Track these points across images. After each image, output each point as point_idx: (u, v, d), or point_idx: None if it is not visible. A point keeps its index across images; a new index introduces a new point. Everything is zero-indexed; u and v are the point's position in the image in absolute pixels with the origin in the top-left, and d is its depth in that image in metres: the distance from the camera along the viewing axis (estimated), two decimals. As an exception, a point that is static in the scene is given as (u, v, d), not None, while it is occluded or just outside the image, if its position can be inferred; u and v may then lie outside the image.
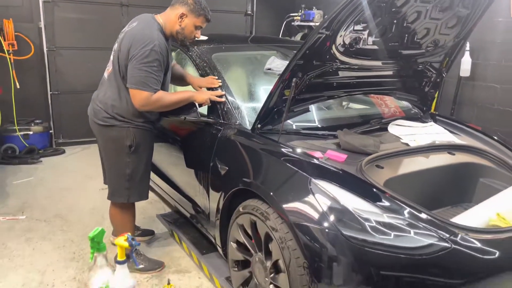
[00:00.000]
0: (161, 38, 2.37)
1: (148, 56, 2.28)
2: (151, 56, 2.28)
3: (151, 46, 2.28)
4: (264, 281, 2.07)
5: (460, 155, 2.49)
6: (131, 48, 2.32)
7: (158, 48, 2.30)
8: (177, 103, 2.50)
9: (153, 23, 2.41)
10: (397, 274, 1.67)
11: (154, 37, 2.31)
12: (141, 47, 2.28)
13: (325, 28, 2.05)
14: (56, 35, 5.20)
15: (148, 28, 2.37)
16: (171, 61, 2.69)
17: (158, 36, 2.34)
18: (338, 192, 1.83)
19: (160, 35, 2.37)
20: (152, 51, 2.28)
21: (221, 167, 2.37)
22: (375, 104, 3.14)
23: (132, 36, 2.36)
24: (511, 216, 1.88)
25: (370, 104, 3.18)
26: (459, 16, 2.42)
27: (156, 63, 2.31)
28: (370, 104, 3.19)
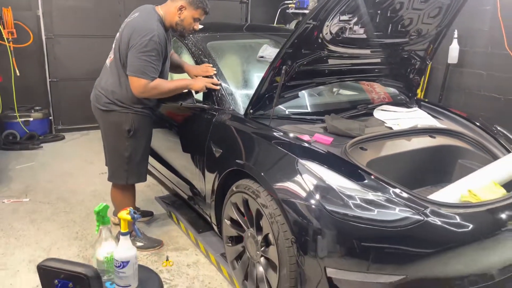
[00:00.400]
0: (160, 28, 2.49)
1: (147, 46, 2.41)
2: (149, 45, 2.41)
3: (150, 36, 2.41)
4: (255, 254, 2.24)
5: (441, 138, 2.65)
6: (131, 38, 2.45)
7: (157, 38, 2.43)
8: (174, 91, 2.64)
9: (154, 15, 2.53)
10: (376, 245, 1.84)
11: (153, 28, 2.44)
12: (141, 37, 2.41)
13: (312, 18, 2.18)
14: (54, 23, 5.29)
15: (148, 19, 2.49)
16: (170, 50, 2.81)
17: (158, 27, 2.47)
18: (323, 172, 1.99)
19: (160, 26, 2.50)
20: (151, 41, 2.41)
21: (216, 150, 2.52)
22: (364, 91, 3.29)
23: (133, 26, 2.49)
24: (482, 193, 2.05)
25: (360, 91, 3.33)
26: (441, 6, 2.56)
27: (155, 52, 2.44)
28: (359, 91, 3.34)
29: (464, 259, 1.93)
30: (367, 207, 1.88)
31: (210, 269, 2.79)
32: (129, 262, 1.70)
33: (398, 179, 2.17)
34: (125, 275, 1.71)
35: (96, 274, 1.45)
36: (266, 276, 2.19)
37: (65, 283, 1.45)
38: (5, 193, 3.81)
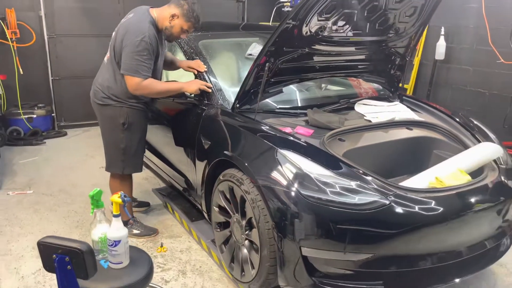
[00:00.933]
0: (152, 30, 2.66)
1: (139, 46, 2.59)
2: (141, 46, 2.59)
3: (142, 37, 2.59)
4: (240, 237, 2.42)
5: (417, 130, 2.81)
6: (124, 38, 2.63)
7: (148, 39, 2.60)
8: (167, 92, 2.82)
9: (147, 16, 2.70)
10: (346, 226, 2.01)
11: (145, 30, 2.62)
12: (133, 37, 2.60)
13: (292, 18, 2.35)
14: (56, 23, 5.48)
15: (141, 21, 2.67)
16: (164, 50, 2.99)
17: (149, 28, 2.64)
18: (300, 160, 2.16)
19: (152, 27, 2.67)
20: (142, 41, 2.59)
21: (205, 142, 2.70)
22: (352, 86, 3.46)
23: (126, 27, 2.67)
24: (447, 179, 2.22)
25: (348, 86, 3.50)
26: (415, 6, 2.71)
27: (146, 52, 2.61)
28: (347, 86, 3.50)
29: (431, 238, 2.10)
30: (339, 192, 2.05)
31: (202, 254, 2.97)
32: (120, 241, 1.88)
33: (375, 168, 2.34)
34: (117, 253, 1.89)
35: (89, 249, 1.63)
36: (249, 257, 2.37)
37: (62, 257, 1.63)
38: (10, 185, 4.01)
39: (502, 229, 2.39)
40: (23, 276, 2.69)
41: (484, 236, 2.30)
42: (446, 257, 2.18)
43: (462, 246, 2.23)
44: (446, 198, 2.14)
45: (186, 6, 2.68)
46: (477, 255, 2.29)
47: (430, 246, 2.12)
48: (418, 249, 2.10)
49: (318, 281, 2.06)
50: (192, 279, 2.70)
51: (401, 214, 2.01)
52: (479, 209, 2.21)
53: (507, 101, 4.19)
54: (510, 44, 4.13)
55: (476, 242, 2.27)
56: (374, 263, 2.03)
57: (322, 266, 2.07)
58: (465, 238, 2.23)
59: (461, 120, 2.95)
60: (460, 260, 2.23)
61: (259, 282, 2.28)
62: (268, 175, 2.17)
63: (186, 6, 2.68)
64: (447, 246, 2.17)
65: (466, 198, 2.19)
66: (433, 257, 2.15)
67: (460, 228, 2.18)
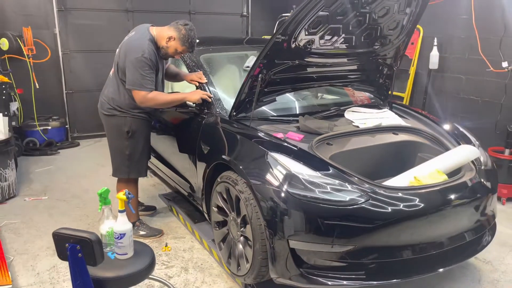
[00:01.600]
0: (151, 46, 2.92)
1: (140, 62, 2.86)
2: (142, 62, 2.86)
3: (141, 54, 2.85)
4: (236, 234, 2.63)
5: (403, 134, 3.01)
6: (126, 55, 2.90)
7: (147, 55, 2.87)
8: (172, 102, 3.08)
9: (146, 34, 2.96)
10: (329, 221, 2.21)
11: (144, 47, 2.88)
12: (134, 55, 2.87)
13: (281, 33, 2.58)
14: (70, 40, 5.82)
15: (141, 39, 2.94)
16: (165, 63, 3.25)
17: (148, 45, 2.90)
18: (288, 162, 2.37)
19: (151, 44, 2.93)
20: (142, 57, 2.85)
21: (204, 147, 2.93)
22: (347, 95, 3.68)
23: (128, 45, 2.95)
24: (425, 179, 2.41)
25: (342, 95, 3.72)
26: (398, 20, 2.93)
27: (147, 67, 2.88)
28: (342, 95, 3.72)
29: (409, 231, 2.29)
30: (324, 190, 2.25)
31: (203, 253, 3.18)
32: (125, 234, 2.11)
33: (361, 170, 2.54)
34: (123, 245, 2.12)
35: (97, 239, 1.86)
36: (244, 252, 2.57)
37: (73, 246, 1.86)
38: (27, 192, 4.28)
39: (480, 223, 2.56)
40: (39, 273, 2.93)
41: (463, 229, 2.48)
42: (427, 248, 2.36)
43: (442, 237, 2.40)
44: (422, 195, 2.33)
45: (184, 31, 2.94)
46: (458, 247, 2.47)
47: (409, 238, 2.31)
48: (398, 241, 2.29)
49: (305, 271, 2.26)
50: (193, 275, 2.91)
51: (380, 209, 2.21)
52: (456, 204, 2.40)
53: (498, 107, 4.35)
54: (499, 53, 4.31)
55: (455, 234, 2.44)
56: (356, 255, 2.22)
57: (308, 258, 2.26)
58: (443, 230, 2.41)
59: (445, 125, 3.14)
60: (442, 251, 2.41)
61: (253, 275, 2.48)
62: (259, 175, 2.39)
63: (184, 31, 2.94)
64: (426, 238, 2.36)
65: (442, 194, 2.38)
66: (414, 248, 2.33)
67: (438, 221, 2.36)
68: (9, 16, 5.44)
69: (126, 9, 6.08)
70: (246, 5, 7.11)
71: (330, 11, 2.60)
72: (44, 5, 5.62)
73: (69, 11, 5.75)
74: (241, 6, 7.08)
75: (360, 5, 2.68)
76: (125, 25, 6.04)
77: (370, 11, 2.75)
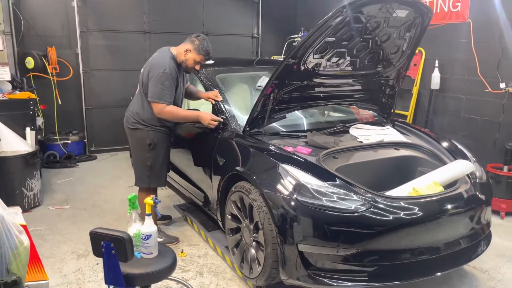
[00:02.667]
0: (172, 64, 3.23)
1: (162, 77, 3.16)
2: (163, 77, 3.17)
3: (163, 69, 3.17)
4: (249, 239, 2.86)
5: (403, 150, 3.24)
6: (150, 72, 3.23)
7: (168, 71, 3.18)
8: (186, 118, 3.37)
9: (167, 53, 3.29)
10: (335, 226, 2.44)
11: (165, 64, 3.19)
12: (156, 70, 3.19)
13: (291, 57, 2.86)
14: (90, 59, 6.17)
15: (163, 58, 3.26)
16: (185, 81, 3.54)
17: (170, 63, 3.22)
18: (297, 173, 2.62)
19: (172, 61, 3.24)
20: (164, 73, 3.17)
21: (220, 160, 3.19)
22: (353, 113, 3.93)
23: (151, 63, 3.29)
24: (422, 190, 2.64)
25: (348, 113, 3.97)
26: (398, 45, 3.20)
27: (168, 82, 3.18)
28: (347, 113, 3.98)
29: (409, 237, 2.51)
30: (329, 199, 2.48)
31: (217, 259, 3.41)
32: (151, 235, 2.35)
33: (365, 182, 2.77)
34: (149, 245, 2.36)
35: (129, 238, 2.11)
36: (256, 256, 2.80)
37: (108, 244, 2.10)
38: (50, 201, 4.55)
39: (474, 231, 2.77)
40: (65, 274, 3.17)
41: (458, 236, 2.69)
42: (425, 253, 2.57)
43: (439, 243, 2.62)
44: (420, 204, 2.55)
45: (197, 41, 3.26)
46: (454, 252, 2.67)
47: (408, 243, 2.53)
48: (398, 245, 2.52)
49: (312, 273, 2.48)
50: (208, 279, 3.13)
51: (380, 216, 2.43)
52: (451, 213, 2.62)
53: (497, 126, 4.57)
54: (497, 75, 4.55)
55: (451, 241, 2.66)
56: (359, 258, 2.44)
57: (315, 261, 2.48)
58: (440, 237, 2.62)
59: (443, 142, 3.37)
60: (439, 256, 2.61)
61: (264, 277, 2.70)
62: (271, 185, 2.63)
63: (197, 41, 3.26)
64: (424, 243, 2.58)
65: (438, 204, 2.60)
66: (413, 252, 2.55)
67: (435, 228, 2.58)
68: (35, 37, 5.81)
69: (143, 30, 6.43)
70: (256, 27, 7.45)
71: (337, 37, 2.87)
72: (67, 27, 5.99)
73: (91, 32, 6.12)
74: (252, 28, 7.43)
75: (364, 32, 2.95)
76: (142, 45, 6.39)
77: (372, 37, 3.02)
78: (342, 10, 2.64)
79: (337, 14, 2.65)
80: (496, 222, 4.22)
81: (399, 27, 3.04)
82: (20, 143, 4.31)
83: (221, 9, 7.03)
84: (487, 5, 4.59)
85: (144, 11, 6.41)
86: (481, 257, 3.44)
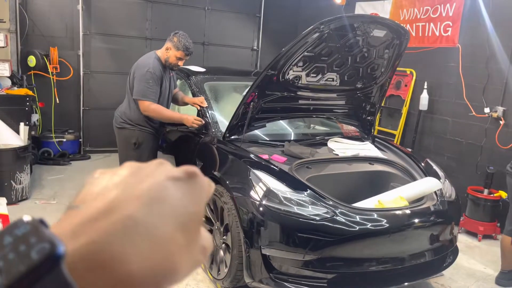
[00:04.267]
0: (156, 63, 3.40)
1: (145, 75, 3.33)
2: (147, 75, 3.33)
3: (147, 68, 3.35)
4: (219, 241, 2.95)
5: (377, 165, 3.33)
6: (135, 72, 3.40)
7: (152, 69, 3.35)
8: (170, 118, 3.49)
9: (152, 55, 3.49)
10: (298, 232, 2.52)
11: (149, 63, 3.37)
12: (140, 70, 3.36)
13: (270, 68, 2.98)
14: (91, 61, 6.35)
15: (147, 58, 3.46)
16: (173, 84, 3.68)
17: (154, 62, 3.39)
18: (267, 179, 2.72)
19: (156, 62, 3.42)
20: (147, 72, 3.33)
21: (198, 163, 3.30)
22: (338, 127, 4.04)
23: (136, 64, 3.48)
24: (387, 203, 2.72)
25: (333, 127, 4.08)
26: (377, 63, 3.32)
27: (151, 80, 3.34)
28: (332, 127, 4.08)
29: (372, 246, 2.59)
30: (296, 205, 2.58)
31: (191, 260, 3.48)
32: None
33: (336, 193, 2.86)
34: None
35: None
36: (224, 259, 2.88)
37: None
38: (38, 196, 4.66)
39: (439, 245, 2.84)
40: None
41: (422, 249, 2.77)
42: (389, 263, 2.65)
43: (403, 254, 2.69)
44: (383, 216, 2.64)
45: (175, 38, 3.42)
46: (419, 264, 2.75)
47: (370, 252, 2.61)
48: (360, 254, 2.59)
49: (274, 276, 2.56)
50: (179, 278, 3.20)
51: (342, 226, 2.52)
52: (415, 226, 2.71)
53: (479, 149, 4.65)
54: (482, 100, 4.65)
55: (415, 253, 2.73)
56: (319, 264, 2.52)
57: (277, 264, 2.56)
58: (402, 248, 2.71)
59: (418, 160, 3.46)
60: (404, 267, 2.69)
61: (230, 278, 2.78)
62: (242, 189, 2.73)
63: (175, 38, 3.42)
64: (386, 253, 2.66)
65: (401, 217, 2.68)
66: (377, 261, 2.63)
67: (397, 239, 2.68)
68: (39, 36, 6.00)
69: (145, 37, 6.61)
70: (257, 40, 7.62)
71: (315, 52, 3.00)
72: (71, 29, 6.18)
73: (93, 35, 6.30)
74: (252, 40, 7.60)
75: (343, 49, 3.08)
76: (143, 51, 6.49)
77: (352, 54, 3.14)
78: (319, 26, 2.76)
79: (314, 30, 2.78)
80: (472, 244, 4.28)
81: (378, 46, 3.16)
82: (13, 137, 4.45)
83: (223, 21, 7.21)
84: (477, 31, 4.72)
85: (147, 18, 6.60)
86: (451, 276, 3.53)
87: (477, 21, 4.70)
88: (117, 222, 0.33)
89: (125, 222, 0.33)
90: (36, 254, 0.28)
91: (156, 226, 0.34)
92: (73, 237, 0.31)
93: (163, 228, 0.34)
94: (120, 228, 0.32)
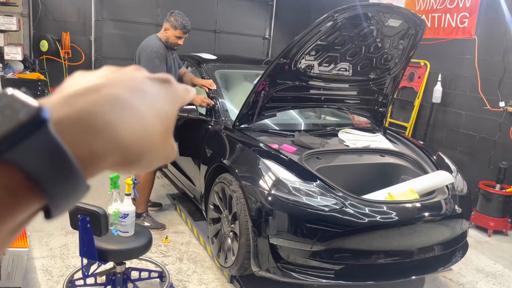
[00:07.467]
0: (158, 43, 3.48)
1: (150, 55, 3.41)
2: (152, 55, 3.41)
3: (150, 49, 3.43)
4: (227, 229, 2.95)
5: (388, 157, 3.29)
6: (140, 55, 3.48)
7: (155, 49, 3.43)
8: None
9: (153, 37, 3.57)
10: (306, 222, 2.51)
11: (152, 44, 3.46)
12: (145, 51, 3.44)
13: (282, 56, 2.94)
14: (103, 46, 6.35)
15: (149, 40, 3.54)
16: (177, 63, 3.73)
17: (156, 42, 3.47)
18: (277, 168, 2.70)
19: (158, 42, 3.50)
20: (151, 52, 3.42)
21: (208, 151, 3.29)
22: (350, 118, 3.99)
23: (140, 47, 3.56)
24: (398, 196, 2.69)
25: (344, 118, 4.03)
26: (392, 54, 3.26)
27: (157, 59, 3.41)
28: (344, 118, 4.04)
29: (380, 239, 2.57)
30: (305, 195, 2.56)
31: (199, 248, 3.50)
32: (129, 214, 2.46)
33: (345, 184, 2.83)
34: (126, 224, 2.47)
35: (104, 213, 2.22)
36: (232, 247, 2.88)
37: (84, 217, 2.22)
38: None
39: (449, 240, 2.81)
40: (51, 248, 3.30)
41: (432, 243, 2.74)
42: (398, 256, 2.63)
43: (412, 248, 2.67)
44: (392, 208, 2.61)
45: (172, 18, 3.49)
46: (428, 258, 2.72)
47: (378, 244, 2.59)
48: (369, 246, 2.57)
49: (281, 266, 2.55)
50: (186, 265, 3.23)
51: (351, 217, 2.50)
52: (425, 220, 2.67)
53: (492, 144, 4.58)
54: (498, 93, 4.56)
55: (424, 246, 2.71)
56: (327, 255, 2.51)
57: (285, 254, 2.56)
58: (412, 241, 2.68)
59: (431, 153, 3.41)
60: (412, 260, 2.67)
61: (237, 266, 2.78)
62: (251, 178, 2.72)
63: (172, 18, 3.49)
64: (395, 246, 2.64)
65: (411, 210, 2.65)
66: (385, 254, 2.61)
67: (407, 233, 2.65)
68: (51, 21, 6.00)
69: (156, 23, 6.58)
70: (269, 29, 7.55)
71: (328, 41, 2.95)
72: (84, 14, 6.18)
73: (105, 21, 6.29)
74: (264, 29, 7.53)
75: (356, 38, 3.03)
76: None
77: (365, 44, 3.09)
78: (333, 14, 2.71)
79: (328, 18, 2.73)
80: (482, 239, 4.24)
81: (392, 36, 3.10)
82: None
83: (235, 8, 7.15)
84: (494, 23, 4.61)
85: (159, 4, 6.57)
86: (459, 271, 3.51)
87: (495, 13, 4.59)
88: (106, 96, 0.36)
89: (113, 99, 0.36)
90: (23, 115, 0.30)
91: (139, 108, 0.37)
92: (64, 105, 0.34)
93: (145, 111, 0.38)
94: (109, 102, 0.35)
